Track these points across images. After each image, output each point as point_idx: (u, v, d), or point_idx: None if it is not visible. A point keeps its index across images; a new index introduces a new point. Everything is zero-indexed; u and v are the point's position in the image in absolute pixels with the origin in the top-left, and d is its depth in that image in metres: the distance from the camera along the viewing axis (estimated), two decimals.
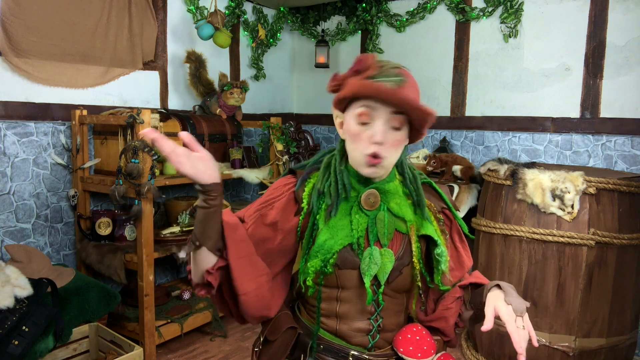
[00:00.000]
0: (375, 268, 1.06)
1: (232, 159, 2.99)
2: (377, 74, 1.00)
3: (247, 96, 3.27)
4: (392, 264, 1.07)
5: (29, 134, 2.46)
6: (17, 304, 1.82)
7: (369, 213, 1.09)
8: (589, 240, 2.20)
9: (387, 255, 1.07)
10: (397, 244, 1.11)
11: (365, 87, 0.98)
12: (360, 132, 1.02)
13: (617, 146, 2.72)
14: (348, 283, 1.09)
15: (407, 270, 1.10)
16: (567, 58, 2.84)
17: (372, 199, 1.09)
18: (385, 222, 1.09)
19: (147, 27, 2.91)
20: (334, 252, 1.06)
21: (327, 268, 1.06)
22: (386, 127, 1.01)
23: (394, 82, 0.99)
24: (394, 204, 1.11)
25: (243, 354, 2.59)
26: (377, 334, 1.12)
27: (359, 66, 1.02)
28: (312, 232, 1.09)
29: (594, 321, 2.26)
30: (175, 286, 3.03)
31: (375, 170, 1.04)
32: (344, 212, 1.09)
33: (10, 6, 2.32)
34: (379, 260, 1.06)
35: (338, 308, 1.11)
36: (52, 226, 2.59)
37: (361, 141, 1.03)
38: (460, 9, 3.15)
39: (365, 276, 1.06)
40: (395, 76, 1.00)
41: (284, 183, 1.15)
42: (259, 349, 1.16)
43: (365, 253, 1.07)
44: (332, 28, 3.76)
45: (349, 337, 1.12)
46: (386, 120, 1.01)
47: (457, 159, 2.99)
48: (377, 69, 1.00)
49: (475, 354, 2.58)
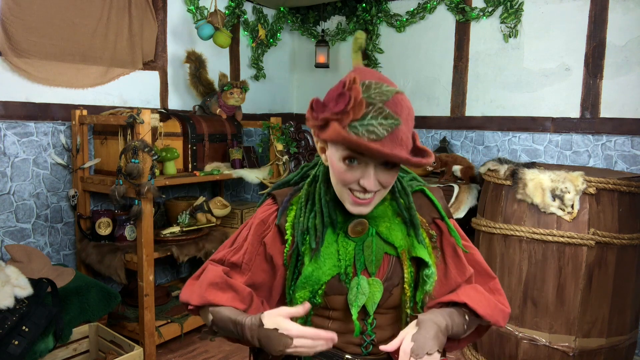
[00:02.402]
0: (363, 298, 1.02)
1: (232, 159, 2.99)
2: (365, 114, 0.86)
3: (247, 96, 3.27)
4: (381, 293, 1.03)
5: (29, 134, 2.46)
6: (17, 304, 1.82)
7: (356, 239, 1.05)
8: (589, 240, 2.20)
9: (375, 285, 1.03)
10: (385, 266, 1.06)
11: (349, 142, 0.85)
12: (345, 172, 0.93)
13: (617, 146, 2.72)
14: (338, 306, 1.06)
15: (397, 291, 1.06)
16: (567, 58, 2.84)
17: (360, 228, 1.04)
18: (373, 249, 1.04)
19: (147, 27, 2.91)
20: (322, 284, 1.03)
21: (315, 299, 1.03)
22: (377, 171, 0.92)
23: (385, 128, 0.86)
24: (383, 227, 1.06)
25: (243, 354, 2.59)
26: (371, 346, 1.09)
27: (343, 104, 0.86)
28: (296, 263, 1.06)
29: (594, 321, 2.26)
30: (175, 286, 3.03)
31: (362, 209, 0.97)
32: (330, 240, 1.05)
33: (10, 6, 2.32)
34: (367, 291, 1.02)
35: (329, 325, 1.09)
36: (52, 226, 2.59)
37: (346, 180, 0.93)
38: (460, 9, 3.15)
39: (352, 307, 1.02)
40: (387, 118, 0.87)
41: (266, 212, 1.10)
42: (256, 350, 1.16)
43: (353, 283, 1.03)
44: (332, 28, 3.76)
45: (342, 348, 1.10)
46: (376, 165, 0.92)
47: (457, 159, 2.99)
48: (361, 111, 0.86)
49: (475, 354, 2.58)
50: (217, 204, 2.95)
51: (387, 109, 0.87)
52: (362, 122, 0.86)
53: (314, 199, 1.07)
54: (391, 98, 0.88)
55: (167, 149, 2.62)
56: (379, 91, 0.89)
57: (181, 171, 2.78)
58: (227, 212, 2.99)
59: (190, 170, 2.82)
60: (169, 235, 2.64)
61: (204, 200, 2.89)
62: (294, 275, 1.06)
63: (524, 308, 2.33)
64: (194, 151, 2.83)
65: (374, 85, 0.90)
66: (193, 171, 2.81)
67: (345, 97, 0.86)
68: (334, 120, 0.86)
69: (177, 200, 2.96)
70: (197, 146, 2.84)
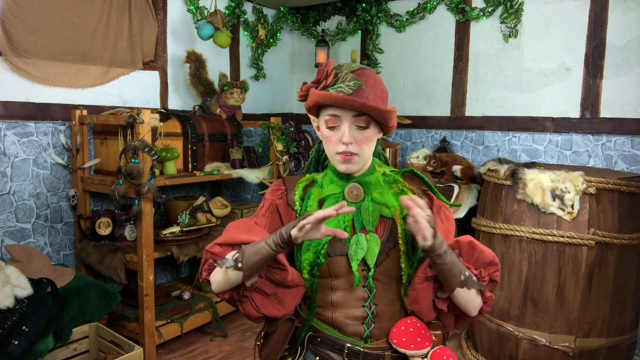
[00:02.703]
0: (362, 252, 1.13)
1: (232, 159, 2.99)
2: (335, 81, 1.11)
3: (247, 96, 3.27)
4: (378, 247, 1.14)
5: (29, 134, 2.46)
6: (17, 304, 1.82)
7: (354, 205, 1.18)
8: (589, 240, 2.20)
9: (373, 240, 1.15)
10: (382, 229, 1.18)
11: (322, 97, 1.10)
12: (330, 136, 1.15)
13: (617, 146, 2.72)
14: (339, 270, 1.15)
15: (394, 253, 1.15)
16: (567, 58, 2.84)
17: (355, 192, 1.19)
18: (369, 210, 1.17)
19: (147, 27, 2.91)
20: (324, 243, 1.14)
21: (319, 259, 1.14)
22: (352, 128, 1.12)
23: (350, 87, 1.09)
24: (376, 193, 1.20)
25: (243, 354, 2.59)
26: (372, 323, 1.15)
27: (319, 76, 1.13)
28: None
29: (594, 321, 2.26)
30: (175, 286, 3.03)
31: (349, 166, 1.16)
32: (331, 206, 1.14)
33: (10, 6, 2.32)
34: (365, 245, 1.14)
35: (332, 297, 1.17)
36: (52, 226, 2.59)
37: (332, 143, 1.15)
38: (460, 9, 3.15)
39: (352, 260, 1.13)
40: (352, 80, 1.10)
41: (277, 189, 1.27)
42: (261, 342, 1.22)
43: (352, 240, 1.15)
44: (332, 28, 3.76)
45: (344, 326, 1.16)
46: (351, 122, 1.12)
47: (457, 159, 2.99)
48: (333, 77, 1.11)
49: (475, 354, 2.58)
50: (217, 204, 2.95)
51: (352, 75, 1.11)
52: (333, 86, 1.11)
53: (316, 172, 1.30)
54: (357, 70, 1.13)
55: (167, 149, 2.62)
56: (348, 66, 1.15)
57: (181, 171, 2.78)
58: (227, 212, 2.99)
59: (190, 170, 2.82)
60: (169, 235, 2.64)
61: (204, 200, 2.89)
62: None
63: (524, 308, 2.33)
64: (194, 151, 2.83)
65: (345, 64, 1.15)
66: (193, 171, 2.81)
67: (320, 70, 1.13)
68: (313, 87, 1.13)
69: (177, 200, 2.96)
70: (197, 146, 2.85)
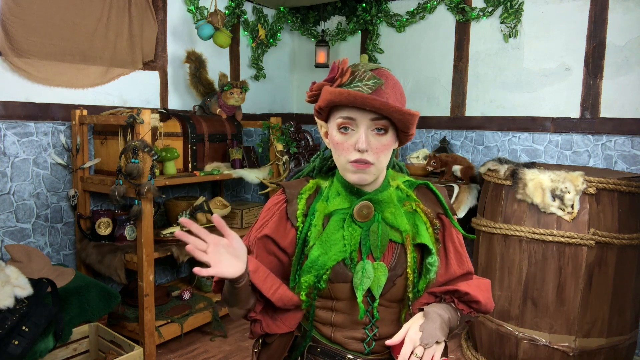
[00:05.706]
0: (368, 282, 1.04)
1: (232, 159, 2.99)
2: (352, 79, 0.98)
3: (247, 96, 3.27)
4: (386, 277, 1.05)
5: (29, 134, 2.46)
6: (17, 304, 1.82)
7: (362, 225, 1.07)
8: (589, 240, 2.20)
9: (380, 269, 1.05)
10: (390, 255, 1.08)
11: (339, 95, 0.95)
12: (343, 142, 1.01)
13: (617, 146, 2.72)
14: (341, 295, 1.08)
15: (401, 281, 1.08)
16: (567, 58, 2.84)
17: (365, 211, 1.07)
18: (379, 234, 1.06)
19: (147, 27, 2.91)
20: (327, 269, 1.04)
21: (320, 284, 1.05)
22: (369, 133, 0.99)
23: (369, 87, 0.96)
24: (388, 213, 1.09)
25: (243, 354, 2.59)
26: (373, 342, 1.11)
27: (333, 74, 1.01)
28: (302, 248, 1.08)
29: (594, 321, 2.26)
30: (175, 286, 3.03)
31: (362, 175, 1.02)
32: (337, 225, 1.07)
33: (10, 6, 2.32)
34: (372, 274, 1.04)
35: (332, 317, 1.11)
36: (52, 226, 2.59)
37: (344, 150, 1.01)
38: (460, 9, 3.15)
39: (357, 290, 1.04)
40: (371, 79, 0.97)
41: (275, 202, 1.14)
42: (258, 350, 1.17)
43: (358, 267, 1.05)
44: (332, 28, 3.76)
45: (344, 344, 1.11)
46: (368, 126, 0.99)
47: (457, 159, 2.99)
48: (350, 75, 0.99)
49: (475, 354, 2.58)
50: (217, 204, 2.95)
51: (372, 74, 0.99)
52: (349, 85, 0.99)
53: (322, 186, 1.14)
54: (376, 69, 1.01)
55: (167, 149, 2.62)
56: (365, 64, 1.02)
57: (181, 171, 2.78)
58: (227, 212, 2.99)
59: (190, 170, 2.82)
60: (169, 235, 2.64)
61: (204, 200, 2.89)
62: (299, 260, 1.08)
63: (524, 308, 2.33)
64: (194, 151, 2.83)
65: (362, 63, 1.03)
66: (193, 171, 2.81)
67: (335, 67, 1.01)
68: (327, 85, 1.01)
69: (177, 200, 2.96)
70: (197, 146, 2.85)
